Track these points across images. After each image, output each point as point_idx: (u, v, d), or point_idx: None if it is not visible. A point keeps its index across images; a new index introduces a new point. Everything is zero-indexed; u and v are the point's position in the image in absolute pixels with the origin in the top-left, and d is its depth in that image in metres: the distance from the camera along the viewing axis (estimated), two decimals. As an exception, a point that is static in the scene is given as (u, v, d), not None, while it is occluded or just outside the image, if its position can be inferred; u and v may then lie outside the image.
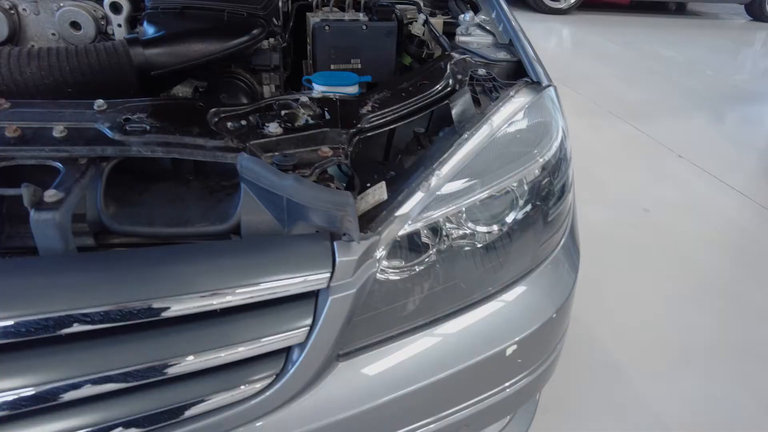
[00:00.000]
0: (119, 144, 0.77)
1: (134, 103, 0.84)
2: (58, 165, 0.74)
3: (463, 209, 0.84)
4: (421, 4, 1.39)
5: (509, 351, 0.84)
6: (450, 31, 1.37)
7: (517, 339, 0.84)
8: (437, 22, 1.34)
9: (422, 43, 1.31)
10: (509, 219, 0.91)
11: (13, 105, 0.82)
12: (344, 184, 0.85)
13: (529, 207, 0.92)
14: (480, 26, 1.25)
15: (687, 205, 2.77)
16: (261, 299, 0.69)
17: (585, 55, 5.43)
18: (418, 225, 0.80)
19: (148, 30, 1.03)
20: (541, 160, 0.93)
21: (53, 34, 1.12)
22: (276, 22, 1.18)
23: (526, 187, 0.91)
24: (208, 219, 0.79)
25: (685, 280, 2.20)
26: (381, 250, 0.77)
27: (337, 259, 0.72)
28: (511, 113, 0.96)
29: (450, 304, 0.85)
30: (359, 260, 0.73)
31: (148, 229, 0.76)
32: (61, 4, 1.08)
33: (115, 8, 1.07)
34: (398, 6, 1.38)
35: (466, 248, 0.88)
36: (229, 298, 0.67)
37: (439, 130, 1.03)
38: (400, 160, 0.97)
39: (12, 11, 1.08)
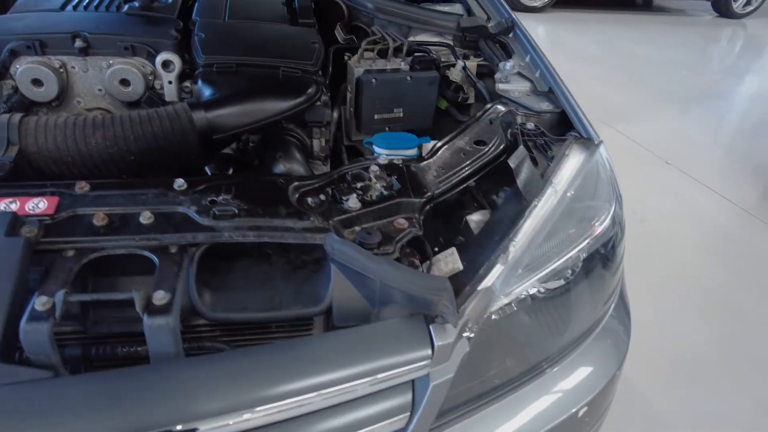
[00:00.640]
0: (209, 230, 0.77)
1: (215, 182, 0.84)
2: (149, 254, 0.74)
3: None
4: (455, 47, 1.40)
5: (581, 413, 0.88)
6: (481, 71, 1.39)
7: (588, 400, 0.89)
8: (471, 65, 1.36)
9: (459, 88, 1.33)
10: (572, 283, 0.95)
11: (92, 187, 0.81)
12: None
13: (591, 270, 0.96)
14: (519, 73, 1.28)
15: (681, 215, 2.89)
16: (364, 393, 0.71)
17: (563, 55, 5.52)
18: (507, 301, 0.84)
19: (205, 91, 1.02)
20: (601, 227, 0.97)
21: (99, 90, 1.09)
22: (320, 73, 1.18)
23: (586, 253, 0.96)
24: (299, 301, 0.80)
25: (679, 285, 2.31)
26: (472, 328, 0.80)
27: (436, 344, 0.74)
28: (570, 176, 1.00)
29: (523, 370, 0.89)
30: (454, 342, 0.76)
31: (243, 315, 0.77)
32: (111, 62, 1.06)
33: (166, 65, 1.06)
34: (432, 47, 1.40)
35: (531, 313, 0.92)
36: (335, 392, 0.69)
37: (493, 186, 1.06)
38: (466, 223, 0.99)
39: (61, 69, 1.05)
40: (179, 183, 0.82)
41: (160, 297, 0.67)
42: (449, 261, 0.91)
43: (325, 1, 1.46)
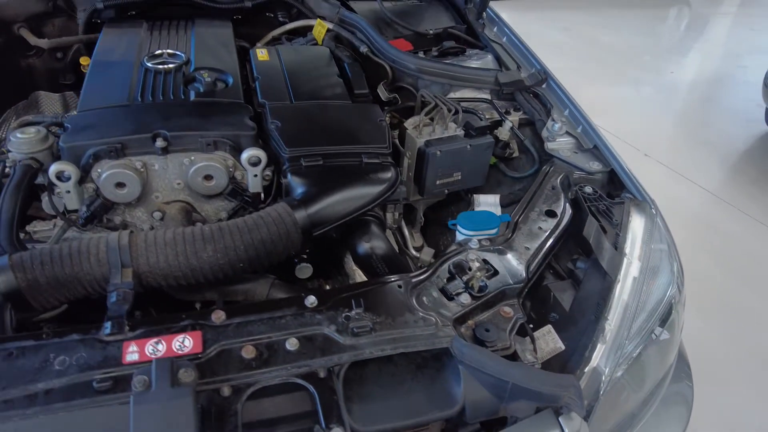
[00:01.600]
0: (352, 349, 0.82)
1: (343, 295, 0.88)
2: (302, 382, 0.78)
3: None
4: (494, 101, 1.46)
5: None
6: (521, 123, 1.46)
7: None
8: (514, 119, 1.42)
9: (506, 145, 1.39)
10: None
11: (228, 314, 0.83)
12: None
13: (662, 333, 1.07)
14: (567, 132, 1.36)
15: (667, 211, 3.09)
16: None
17: (532, 46, 5.66)
18: (613, 378, 0.93)
19: (297, 187, 1.04)
20: (669, 292, 1.07)
21: (178, 184, 1.09)
22: None
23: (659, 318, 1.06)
24: (434, 403, 0.86)
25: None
26: (589, 410, 0.89)
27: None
28: (638, 244, 1.09)
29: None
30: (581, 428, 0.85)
31: (392, 424, 0.82)
32: (192, 158, 1.06)
33: (253, 162, 1.07)
34: (471, 101, 1.45)
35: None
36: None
37: (565, 254, 1.14)
38: (554, 297, 1.07)
39: (142, 169, 1.04)
40: (311, 300, 0.86)
41: (338, 433, 0.71)
42: (549, 340, 0.99)
43: (370, 62, 1.48)
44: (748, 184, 3.41)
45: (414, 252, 1.39)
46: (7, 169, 1.09)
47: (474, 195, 1.38)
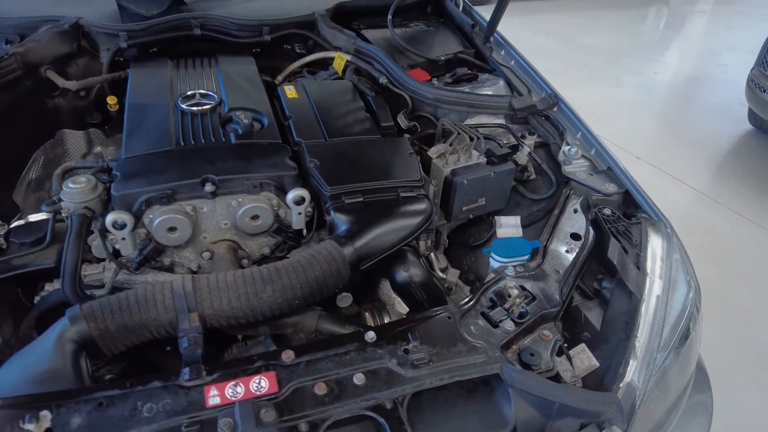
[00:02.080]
0: (413, 380, 0.88)
1: (400, 328, 0.94)
2: (371, 414, 0.84)
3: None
4: (509, 126, 1.53)
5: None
6: (536, 145, 1.54)
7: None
8: (530, 143, 1.50)
9: (524, 168, 1.47)
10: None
11: (296, 353, 0.88)
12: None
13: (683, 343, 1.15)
14: (583, 156, 1.44)
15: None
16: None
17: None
18: (646, 392, 1.00)
19: (341, 224, 1.11)
20: (688, 303, 1.16)
21: (225, 224, 1.14)
22: None
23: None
24: (488, 426, 0.92)
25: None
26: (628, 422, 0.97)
27: (610, 447, 0.90)
28: (658, 263, 1.18)
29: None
30: (621, 440, 0.93)
31: None
32: (239, 200, 1.11)
33: (298, 201, 1.12)
34: (487, 127, 1.53)
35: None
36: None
37: (589, 274, 1.22)
38: (585, 317, 1.14)
39: (192, 213, 1.09)
40: (370, 336, 0.92)
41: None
42: (584, 358, 1.07)
43: (390, 93, 1.54)
44: (736, 183, 3.55)
45: (440, 273, 1.45)
46: (58, 217, 1.14)
47: (495, 217, 1.45)
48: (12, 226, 1.22)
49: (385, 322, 1.20)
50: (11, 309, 1.19)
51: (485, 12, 2.00)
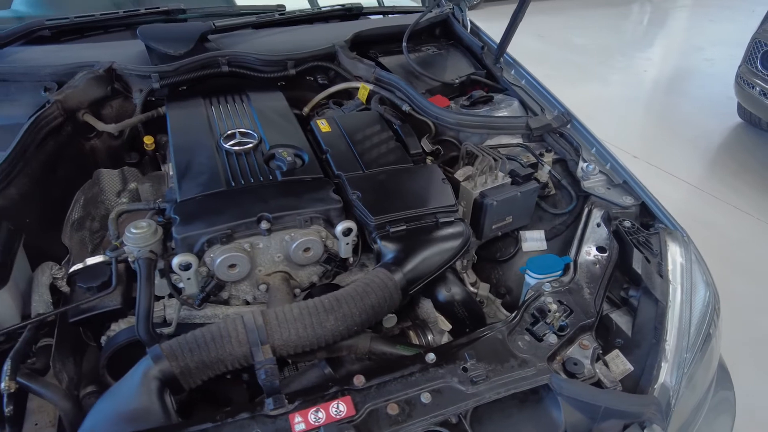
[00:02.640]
0: (474, 396, 0.97)
1: (454, 348, 1.03)
2: (440, 429, 0.93)
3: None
4: (527, 144, 1.62)
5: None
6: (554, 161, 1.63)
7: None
8: (548, 160, 1.59)
9: (545, 185, 1.56)
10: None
11: (366, 377, 0.97)
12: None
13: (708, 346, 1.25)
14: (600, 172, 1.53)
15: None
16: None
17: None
18: (679, 391, 1.10)
19: (388, 252, 1.19)
20: (708, 304, 1.25)
21: (278, 257, 1.22)
22: None
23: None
24: (539, 430, 1.01)
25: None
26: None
27: (653, 445, 0.99)
28: (678, 270, 1.27)
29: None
30: (662, 437, 1.02)
31: None
32: (292, 234, 1.19)
33: (346, 233, 1.20)
34: (507, 147, 1.62)
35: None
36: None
37: (620, 285, 1.31)
38: (616, 325, 1.24)
39: (250, 249, 1.17)
40: (431, 357, 1.01)
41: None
42: (618, 363, 1.16)
43: (413, 119, 1.63)
44: (729, 177, 3.68)
45: (471, 288, 1.54)
46: (117, 259, 1.22)
47: (520, 232, 1.54)
48: (71, 270, 1.30)
49: (429, 338, 1.29)
50: (72, 347, 1.25)
51: (475, 19, 2.09)
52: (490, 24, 1.94)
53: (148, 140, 1.60)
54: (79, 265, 1.31)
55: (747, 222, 3.28)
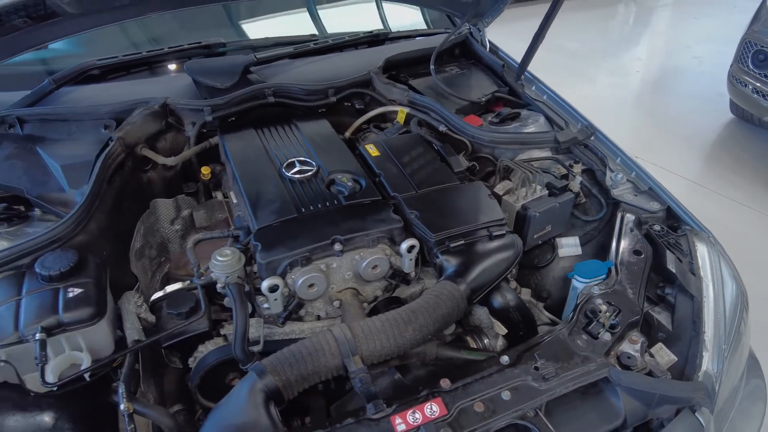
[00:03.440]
0: (547, 391, 1.09)
1: (524, 349, 1.15)
2: (522, 422, 1.04)
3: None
4: (556, 156, 1.75)
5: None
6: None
7: None
8: (577, 171, 1.72)
9: (577, 194, 1.69)
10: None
11: (451, 380, 1.08)
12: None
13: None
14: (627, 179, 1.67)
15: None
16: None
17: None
18: (721, 378, 1.22)
19: (449, 266, 1.31)
20: (737, 296, 1.39)
21: (348, 275, 1.33)
22: None
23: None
24: (604, 419, 1.13)
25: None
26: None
27: (703, 423, 1.12)
28: (708, 267, 1.41)
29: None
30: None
31: None
32: (361, 254, 1.31)
33: (410, 250, 1.32)
34: (538, 160, 1.75)
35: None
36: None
37: (655, 284, 1.44)
38: (657, 321, 1.36)
39: (326, 270, 1.28)
40: (505, 359, 1.13)
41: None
42: (662, 354, 1.29)
43: (449, 138, 1.75)
44: (726, 171, 3.85)
45: (515, 293, 1.66)
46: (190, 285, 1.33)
47: (557, 239, 1.67)
48: (153, 298, 1.40)
49: (485, 342, 1.40)
50: (152, 369, 1.35)
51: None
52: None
53: (205, 170, 1.70)
54: (159, 293, 1.41)
55: (747, 214, 3.44)
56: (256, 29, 2.55)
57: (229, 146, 1.62)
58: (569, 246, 1.66)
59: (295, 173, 1.49)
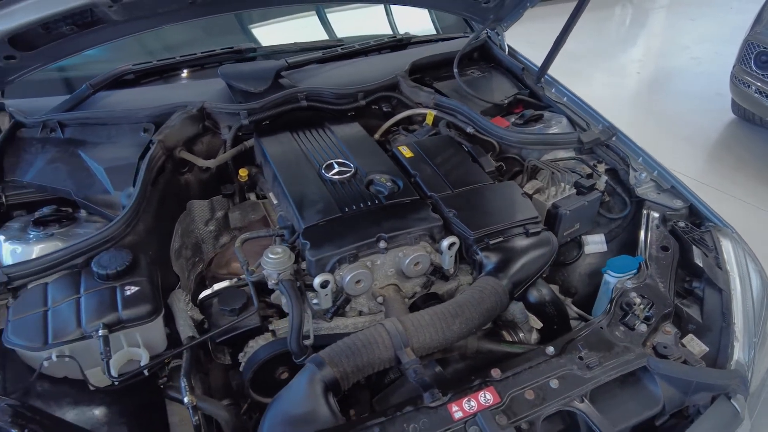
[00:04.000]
0: (592, 379, 1.14)
1: (567, 340, 1.20)
2: (570, 408, 1.10)
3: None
4: (580, 156, 1.82)
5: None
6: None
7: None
8: (601, 170, 1.78)
9: (602, 193, 1.75)
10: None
11: (501, 370, 1.14)
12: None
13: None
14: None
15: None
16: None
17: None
18: (753, 366, 1.29)
19: (489, 263, 1.37)
20: (763, 288, 1.45)
21: (391, 271, 1.39)
22: None
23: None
24: (644, 406, 1.18)
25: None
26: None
27: (738, 409, 1.18)
28: (733, 261, 1.47)
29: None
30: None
31: (632, 422, 1.14)
32: (404, 251, 1.36)
33: (450, 247, 1.38)
34: (563, 160, 1.81)
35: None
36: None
37: (683, 278, 1.50)
38: (687, 313, 1.42)
39: (371, 266, 1.33)
40: (550, 350, 1.18)
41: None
42: (694, 345, 1.35)
43: (477, 139, 1.81)
44: (729, 170, 3.94)
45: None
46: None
47: (582, 236, 1.73)
48: (202, 296, 1.45)
49: (520, 336, 1.46)
50: (196, 365, 1.40)
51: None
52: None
53: (242, 173, 1.75)
54: (207, 291, 1.46)
55: (751, 211, 3.52)
56: (266, 34, 2.60)
57: (268, 148, 1.66)
58: (595, 243, 1.72)
59: (334, 174, 1.54)
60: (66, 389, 1.25)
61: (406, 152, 1.67)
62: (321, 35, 2.55)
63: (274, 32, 2.66)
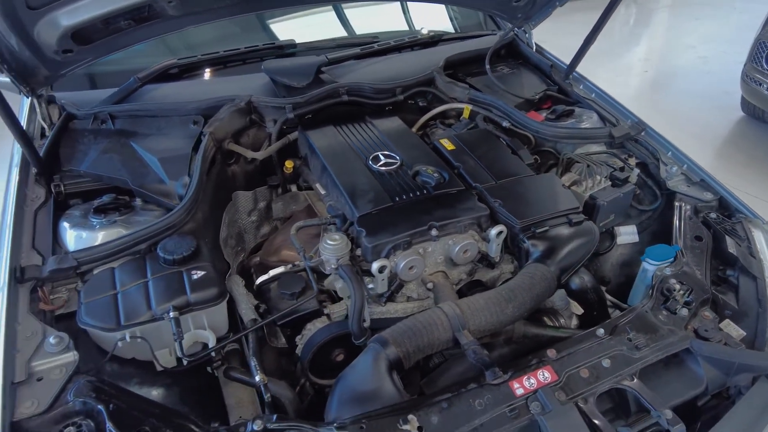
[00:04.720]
0: (641, 359, 1.21)
1: (614, 325, 1.27)
2: (622, 386, 1.16)
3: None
4: (611, 150, 1.88)
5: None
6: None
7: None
8: (632, 163, 1.85)
9: (635, 185, 1.82)
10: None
11: (557, 351, 1.20)
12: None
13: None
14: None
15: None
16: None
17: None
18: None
19: (535, 251, 1.43)
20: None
21: (440, 259, 1.45)
22: None
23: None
24: (688, 386, 1.25)
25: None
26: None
27: (776, 393, 1.25)
28: (764, 250, 1.54)
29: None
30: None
31: (679, 400, 1.21)
32: (454, 239, 1.42)
33: (498, 235, 1.44)
34: (596, 154, 1.87)
35: None
36: None
37: (716, 266, 1.56)
38: (723, 300, 1.49)
39: (422, 253, 1.40)
40: (601, 332, 1.25)
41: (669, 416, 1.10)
42: (731, 329, 1.41)
43: (513, 133, 1.87)
44: (739, 167, 4.01)
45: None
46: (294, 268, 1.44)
47: (615, 228, 1.80)
48: (258, 281, 1.50)
49: (561, 321, 1.52)
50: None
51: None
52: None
53: (288, 164, 1.81)
54: (264, 276, 1.51)
55: (762, 209, 3.58)
56: (284, 30, 2.65)
57: (315, 141, 1.72)
58: (627, 234, 1.79)
59: (381, 165, 1.59)
60: (132, 370, 1.30)
61: (447, 145, 1.73)
62: (339, 32, 2.59)
63: (292, 29, 2.72)
